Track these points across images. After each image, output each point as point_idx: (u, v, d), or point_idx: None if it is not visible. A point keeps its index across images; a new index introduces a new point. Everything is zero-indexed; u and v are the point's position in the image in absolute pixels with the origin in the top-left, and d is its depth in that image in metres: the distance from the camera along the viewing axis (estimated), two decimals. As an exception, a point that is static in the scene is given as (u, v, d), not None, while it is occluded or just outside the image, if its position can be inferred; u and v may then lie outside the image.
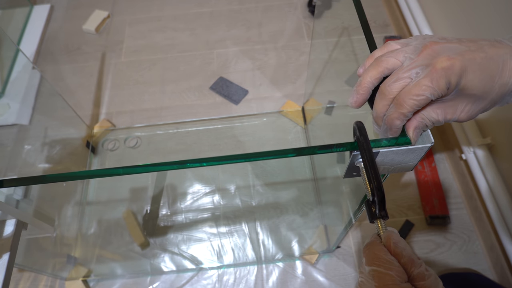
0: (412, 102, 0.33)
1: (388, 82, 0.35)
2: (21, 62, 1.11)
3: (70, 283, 0.93)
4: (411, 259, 0.32)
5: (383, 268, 0.32)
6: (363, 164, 0.37)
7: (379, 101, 0.36)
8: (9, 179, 0.40)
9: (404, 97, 0.33)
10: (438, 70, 0.32)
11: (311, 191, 1.05)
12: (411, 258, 0.33)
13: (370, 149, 0.37)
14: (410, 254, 0.33)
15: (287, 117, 1.18)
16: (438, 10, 1.09)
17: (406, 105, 0.33)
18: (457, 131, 0.98)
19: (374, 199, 0.35)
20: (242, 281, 0.94)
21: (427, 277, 0.32)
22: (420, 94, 0.33)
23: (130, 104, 1.25)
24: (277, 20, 1.43)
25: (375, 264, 0.32)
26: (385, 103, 0.35)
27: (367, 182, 0.36)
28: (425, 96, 0.33)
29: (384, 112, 0.36)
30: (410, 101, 0.33)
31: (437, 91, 0.32)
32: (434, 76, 0.32)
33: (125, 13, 1.48)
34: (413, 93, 0.33)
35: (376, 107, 0.37)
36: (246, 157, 0.39)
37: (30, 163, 0.98)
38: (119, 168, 0.40)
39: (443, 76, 0.32)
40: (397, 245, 0.33)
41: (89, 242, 1.00)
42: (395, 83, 0.34)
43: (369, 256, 0.33)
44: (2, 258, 0.46)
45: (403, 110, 0.34)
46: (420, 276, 0.32)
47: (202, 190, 1.05)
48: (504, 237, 0.83)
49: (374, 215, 0.35)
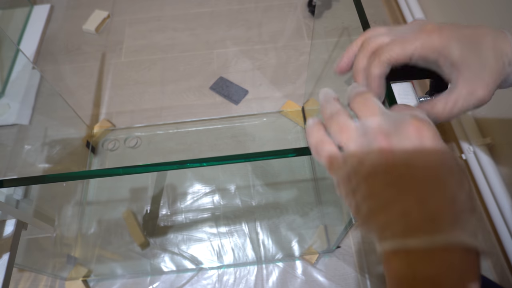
0: (392, 50, 0.33)
1: (370, 38, 0.34)
2: (21, 62, 1.11)
3: (70, 283, 0.93)
4: None
5: None
6: None
7: (359, 54, 0.35)
8: (9, 179, 0.40)
9: (384, 47, 0.33)
10: (424, 30, 0.32)
11: (311, 191, 1.05)
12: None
13: None
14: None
15: (287, 117, 1.18)
16: (438, 10, 1.09)
17: (384, 53, 0.33)
18: (457, 131, 0.98)
19: None
20: (242, 281, 0.94)
21: None
22: (402, 48, 0.32)
23: (130, 104, 1.25)
24: (277, 20, 1.43)
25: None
26: (365, 54, 0.34)
27: None
28: (407, 51, 0.32)
29: (363, 66, 0.35)
30: (388, 50, 0.33)
31: (419, 48, 0.32)
32: (419, 36, 0.32)
33: (125, 13, 1.48)
34: (393, 44, 0.33)
35: (356, 61, 0.36)
36: (246, 157, 0.39)
37: (30, 163, 0.98)
38: (119, 168, 0.40)
39: (429, 36, 0.32)
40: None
41: (89, 242, 1.00)
42: (377, 38, 0.34)
43: None
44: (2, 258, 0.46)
45: (381, 57, 0.33)
46: None
47: (202, 190, 1.05)
48: (504, 237, 0.83)
49: None
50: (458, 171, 0.27)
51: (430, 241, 0.25)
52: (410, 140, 0.27)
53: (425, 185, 0.26)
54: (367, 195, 0.27)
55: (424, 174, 0.26)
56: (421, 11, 1.16)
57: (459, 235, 0.25)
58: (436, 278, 0.25)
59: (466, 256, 0.25)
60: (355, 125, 0.29)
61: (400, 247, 0.26)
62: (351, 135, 0.29)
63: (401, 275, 0.26)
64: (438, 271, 0.25)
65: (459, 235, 0.25)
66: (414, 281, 0.25)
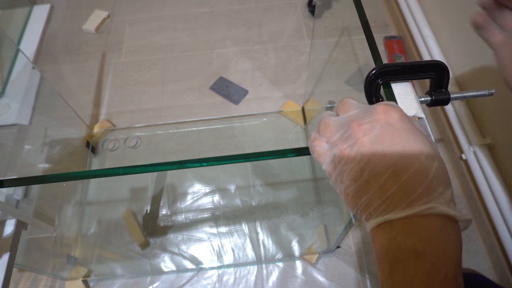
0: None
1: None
2: (21, 62, 1.11)
3: (70, 283, 0.93)
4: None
5: None
6: None
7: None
8: (9, 179, 0.40)
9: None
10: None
11: (311, 191, 1.05)
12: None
13: None
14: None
15: (287, 117, 1.18)
16: (438, 10, 1.09)
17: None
18: (457, 131, 0.98)
19: None
20: (242, 281, 0.94)
21: None
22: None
23: (130, 104, 1.25)
24: (277, 20, 1.43)
25: None
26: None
27: None
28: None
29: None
30: None
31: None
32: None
33: (125, 13, 1.48)
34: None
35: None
36: (246, 157, 0.39)
37: (30, 163, 0.98)
38: (119, 168, 0.40)
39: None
40: None
41: (89, 242, 1.00)
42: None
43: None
44: (2, 258, 0.46)
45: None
46: None
47: (202, 190, 1.05)
48: (504, 237, 0.83)
49: None
50: (427, 147, 0.29)
51: (407, 212, 0.27)
52: (379, 122, 0.30)
53: (397, 161, 0.28)
54: (349, 179, 0.30)
55: (395, 150, 0.28)
56: (421, 11, 1.16)
57: (434, 205, 0.27)
58: (418, 247, 0.27)
59: (445, 225, 0.28)
60: (336, 119, 0.33)
61: (382, 222, 0.28)
62: (332, 129, 0.32)
63: (386, 248, 0.28)
64: (419, 241, 0.27)
65: (435, 205, 0.27)
66: (398, 252, 0.27)
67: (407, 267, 0.27)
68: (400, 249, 0.27)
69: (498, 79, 0.88)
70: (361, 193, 0.30)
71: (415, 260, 0.27)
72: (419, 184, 0.28)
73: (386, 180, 0.28)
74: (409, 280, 0.26)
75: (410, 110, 0.37)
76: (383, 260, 0.29)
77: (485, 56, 0.88)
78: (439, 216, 0.27)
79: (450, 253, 0.27)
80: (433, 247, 0.27)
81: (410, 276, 0.27)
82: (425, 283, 0.26)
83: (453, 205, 0.28)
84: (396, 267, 0.27)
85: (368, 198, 0.29)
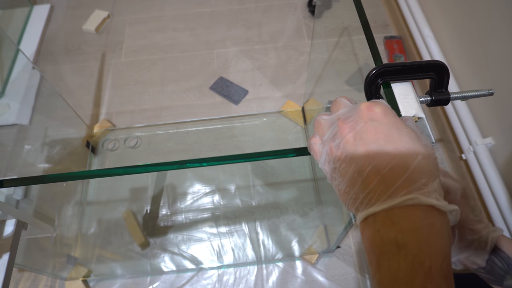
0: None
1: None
2: (21, 62, 1.11)
3: (70, 283, 0.93)
4: None
5: None
6: None
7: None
8: (9, 179, 0.40)
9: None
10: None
11: (311, 191, 1.05)
12: None
13: None
14: None
15: (287, 117, 1.18)
16: (438, 10, 1.10)
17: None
18: (457, 131, 0.98)
19: None
20: (242, 281, 0.94)
21: None
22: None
23: (130, 104, 1.25)
24: (277, 20, 1.43)
25: None
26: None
27: None
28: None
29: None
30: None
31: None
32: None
33: (125, 13, 1.48)
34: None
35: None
36: (246, 157, 0.39)
37: (30, 163, 0.98)
38: (119, 168, 0.40)
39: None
40: None
41: (89, 242, 1.00)
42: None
43: None
44: (2, 258, 0.46)
45: None
46: None
47: (202, 190, 1.05)
48: (504, 237, 0.83)
49: None
50: (411, 140, 0.29)
51: (388, 204, 0.27)
52: (363, 118, 0.30)
53: (378, 155, 0.29)
54: (339, 175, 0.31)
55: (377, 145, 0.29)
56: (421, 11, 1.16)
57: (415, 196, 0.27)
58: (399, 239, 0.27)
59: (428, 216, 0.27)
60: (326, 118, 0.34)
61: (367, 216, 0.29)
62: (323, 128, 0.34)
63: (372, 241, 0.28)
64: (401, 232, 0.27)
65: (416, 196, 0.27)
66: (382, 244, 0.28)
67: (391, 260, 0.27)
68: (383, 242, 0.27)
69: (498, 79, 0.89)
70: (349, 188, 0.30)
71: (398, 253, 0.27)
72: (399, 176, 0.28)
73: (368, 174, 0.29)
74: (394, 273, 0.26)
75: (410, 110, 0.37)
76: (371, 253, 0.29)
77: (485, 56, 0.88)
78: (421, 206, 0.27)
79: (434, 245, 0.27)
80: (416, 239, 0.26)
81: (394, 269, 0.26)
82: (409, 276, 0.26)
83: (437, 195, 0.28)
84: (382, 261, 0.27)
85: (354, 192, 0.30)
